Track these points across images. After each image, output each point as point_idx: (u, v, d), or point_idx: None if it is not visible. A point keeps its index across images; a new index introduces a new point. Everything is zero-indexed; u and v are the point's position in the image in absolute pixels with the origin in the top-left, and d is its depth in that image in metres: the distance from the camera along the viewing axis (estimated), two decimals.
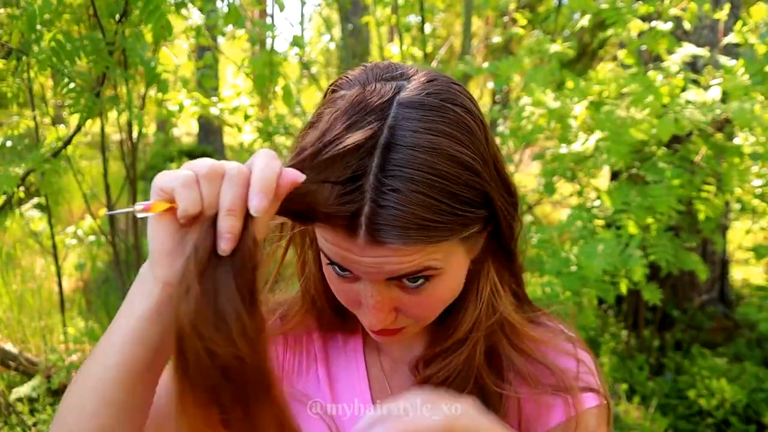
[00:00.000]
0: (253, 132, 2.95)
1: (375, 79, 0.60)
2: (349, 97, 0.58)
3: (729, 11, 2.49)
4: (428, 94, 0.58)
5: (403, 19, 3.23)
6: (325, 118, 0.58)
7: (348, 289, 0.63)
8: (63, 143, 1.94)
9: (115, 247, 2.92)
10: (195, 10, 2.43)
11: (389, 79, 0.60)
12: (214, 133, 9.08)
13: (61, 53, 1.46)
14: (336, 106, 0.58)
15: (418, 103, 0.57)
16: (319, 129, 0.57)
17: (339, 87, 0.63)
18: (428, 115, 0.56)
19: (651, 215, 2.05)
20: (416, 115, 0.56)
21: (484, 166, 0.58)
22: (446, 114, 0.57)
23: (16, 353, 2.85)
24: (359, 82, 0.61)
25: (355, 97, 0.57)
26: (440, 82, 0.60)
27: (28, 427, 2.53)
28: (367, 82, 0.60)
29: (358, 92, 0.58)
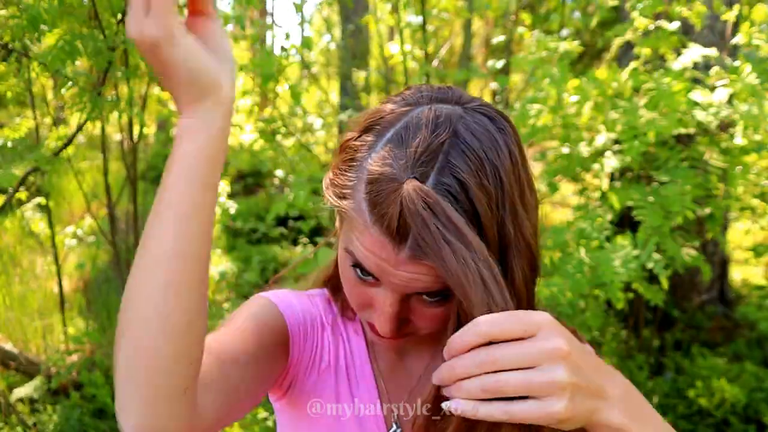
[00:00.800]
0: (254, 132, 2.95)
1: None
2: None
3: (731, 11, 2.49)
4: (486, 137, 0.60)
5: (403, 14, 3.23)
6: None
7: (364, 292, 0.64)
8: (64, 143, 1.94)
9: (115, 247, 2.92)
10: None
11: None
12: None
13: (62, 54, 1.46)
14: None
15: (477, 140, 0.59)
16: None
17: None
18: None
19: (664, 215, 2.06)
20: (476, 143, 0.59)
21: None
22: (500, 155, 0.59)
23: (16, 353, 2.86)
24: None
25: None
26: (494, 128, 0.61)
27: (28, 427, 2.53)
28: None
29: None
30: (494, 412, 0.51)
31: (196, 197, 0.52)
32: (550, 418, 0.50)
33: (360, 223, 0.59)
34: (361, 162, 0.60)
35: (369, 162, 0.59)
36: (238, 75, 2.93)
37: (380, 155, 0.59)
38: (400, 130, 0.60)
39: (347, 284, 0.66)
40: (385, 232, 0.57)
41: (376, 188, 0.57)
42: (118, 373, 0.51)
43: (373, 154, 0.60)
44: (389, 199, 0.56)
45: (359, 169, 0.60)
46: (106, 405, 2.66)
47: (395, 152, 0.58)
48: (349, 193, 0.61)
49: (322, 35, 6.75)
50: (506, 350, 0.51)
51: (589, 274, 2.01)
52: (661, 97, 1.99)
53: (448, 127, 0.58)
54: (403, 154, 0.57)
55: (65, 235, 3.27)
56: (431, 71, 3.22)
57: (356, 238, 0.60)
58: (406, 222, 0.55)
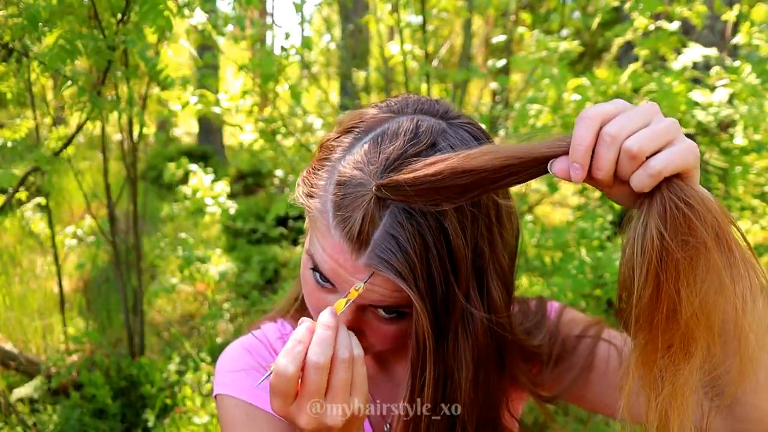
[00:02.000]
0: (254, 132, 2.95)
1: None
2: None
3: (731, 11, 2.48)
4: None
5: (403, 13, 3.23)
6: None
7: (321, 298, 0.63)
8: (64, 143, 1.94)
9: (115, 247, 2.92)
10: (198, 10, 2.43)
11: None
12: (214, 133, 9.08)
13: (63, 53, 1.46)
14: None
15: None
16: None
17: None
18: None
19: None
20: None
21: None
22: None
23: (16, 353, 2.85)
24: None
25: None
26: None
27: (28, 427, 2.53)
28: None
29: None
30: (654, 165, 0.47)
31: None
32: (690, 150, 0.48)
33: (323, 225, 0.58)
34: (335, 163, 0.59)
35: (342, 164, 0.58)
36: (238, 75, 2.93)
37: (354, 158, 0.58)
38: (378, 136, 0.59)
39: (306, 287, 0.65)
40: (345, 237, 0.56)
41: (343, 191, 0.56)
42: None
43: (347, 156, 0.59)
44: (354, 204, 0.55)
45: (332, 169, 0.59)
46: (106, 405, 2.66)
47: (368, 157, 0.57)
48: (317, 193, 0.60)
49: (322, 35, 6.75)
50: (625, 120, 0.48)
51: (590, 274, 2.01)
52: (661, 97, 1.99)
53: (427, 138, 0.57)
54: (375, 160, 0.56)
55: (65, 235, 3.27)
56: (431, 71, 3.22)
57: (318, 240, 0.60)
58: (367, 229, 0.54)
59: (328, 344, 0.54)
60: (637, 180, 0.48)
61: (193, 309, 4.04)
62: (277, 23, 3.93)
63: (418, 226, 0.55)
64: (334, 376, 0.54)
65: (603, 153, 0.48)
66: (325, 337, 0.54)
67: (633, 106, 0.51)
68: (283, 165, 3.21)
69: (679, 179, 0.48)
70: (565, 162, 0.49)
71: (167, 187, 7.12)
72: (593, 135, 0.48)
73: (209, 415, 2.58)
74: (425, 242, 0.55)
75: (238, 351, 0.80)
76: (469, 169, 0.50)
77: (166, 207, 3.70)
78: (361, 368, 0.56)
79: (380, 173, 0.55)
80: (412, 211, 0.55)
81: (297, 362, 0.53)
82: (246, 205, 5.77)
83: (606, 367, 0.74)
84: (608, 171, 0.48)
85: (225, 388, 0.76)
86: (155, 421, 2.63)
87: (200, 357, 3.09)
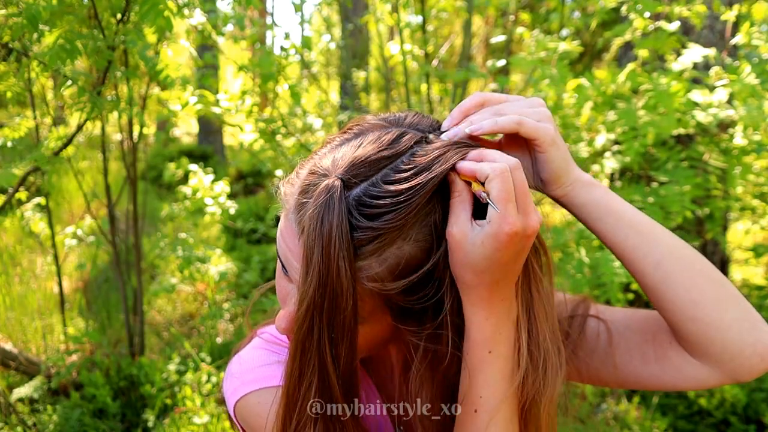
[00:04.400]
0: (254, 131, 2.95)
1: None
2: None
3: (730, 11, 2.48)
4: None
5: (403, 13, 3.23)
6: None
7: (284, 285, 0.64)
8: (64, 143, 1.94)
9: (115, 247, 2.92)
10: (197, 10, 2.43)
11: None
12: (214, 133, 9.08)
13: (63, 53, 1.46)
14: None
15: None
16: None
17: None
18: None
19: (663, 215, 2.06)
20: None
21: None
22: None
23: (16, 353, 2.85)
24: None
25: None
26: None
27: (28, 427, 2.53)
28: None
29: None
30: (513, 118, 0.63)
31: None
32: (547, 132, 0.64)
33: (286, 210, 0.61)
34: (319, 157, 0.61)
35: (323, 158, 0.60)
36: (238, 75, 2.93)
37: (333, 154, 0.59)
38: (362, 139, 0.60)
39: (276, 276, 0.66)
40: (297, 222, 0.58)
41: (310, 179, 0.58)
42: None
43: (329, 153, 0.61)
44: (312, 191, 0.57)
45: (313, 162, 0.61)
46: (106, 405, 2.66)
47: (344, 153, 0.59)
48: (294, 180, 0.62)
49: (321, 35, 6.75)
50: (509, 104, 0.66)
51: (589, 274, 2.01)
52: (659, 98, 1.99)
53: (403, 147, 0.59)
54: (349, 158, 0.58)
55: (65, 235, 3.27)
56: (431, 71, 3.21)
57: (281, 225, 0.62)
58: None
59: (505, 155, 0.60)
60: (502, 120, 0.63)
61: (193, 309, 4.04)
62: (277, 23, 3.92)
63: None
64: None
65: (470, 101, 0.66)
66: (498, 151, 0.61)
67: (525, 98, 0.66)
68: (283, 165, 3.21)
69: (534, 146, 0.65)
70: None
71: (167, 187, 7.13)
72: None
73: (209, 415, 2.58)
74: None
75: (259, 351, 0.78)
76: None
77: (166, 207, 3.70)
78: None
79: (344, 168, 0.57)
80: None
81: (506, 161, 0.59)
82: (246, 205, 5.77)
83: (597, 341, 0.77)
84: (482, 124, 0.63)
85: (262, 382, 0.72)
86: (155, 421, 2.63)
87: (200, 357, 3.09)
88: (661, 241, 0.65)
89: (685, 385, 0.69)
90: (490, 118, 0.63)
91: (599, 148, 2.29)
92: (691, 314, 0.64)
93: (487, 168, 0.56)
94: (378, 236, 0.55)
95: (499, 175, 0.56)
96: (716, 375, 0.67)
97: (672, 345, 0.70)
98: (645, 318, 0.75)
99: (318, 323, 0.55)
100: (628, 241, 0.65)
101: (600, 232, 0.66)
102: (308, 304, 0.55)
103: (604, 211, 0.65)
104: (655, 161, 2.28)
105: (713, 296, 0.64)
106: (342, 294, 0.54)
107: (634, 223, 0.65)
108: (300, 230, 0.57)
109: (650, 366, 0.72)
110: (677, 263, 0.64)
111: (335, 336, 0.55)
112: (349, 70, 4.11)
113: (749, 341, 0.63)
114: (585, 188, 0.66)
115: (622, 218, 0.65)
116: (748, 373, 0.65)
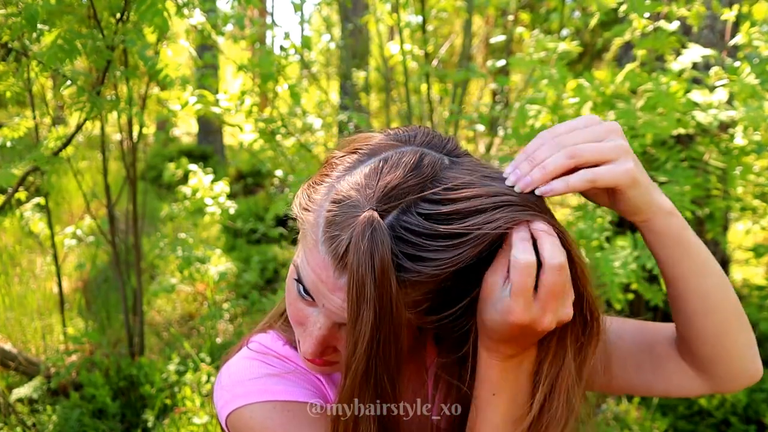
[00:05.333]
0: (254, 131, 2.94)
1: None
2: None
3: (730, 11, 2.48)
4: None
5: (403, 13, 3.23)
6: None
7: (301, 309, 0.64)
8: (63, 143, 1.93)
9: (115, 247, 2.91)
10: (197, 10, 2.43)
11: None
12: (213, 133, 9.07)
13: (61, 53, 1.46)
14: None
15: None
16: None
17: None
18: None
19: None
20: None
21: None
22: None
23: (16, 353, 2.85)
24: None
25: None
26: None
27: (27, 427, 2.53)
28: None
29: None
30: (585, 176, 0.58)
31: None
32: (627, 175, 0.59)
33: (312, 240, 0.59)
34: (334, 181, 0.60)
35: (340, 182, 0.59)
36: (238, 75, 2.93)
37: (353, 179, 0.59)
38: (380, 162, 0.59)
39: (289, 296, 0.65)
40: (331, 254, 0.57)
41: (336, 209, 0.57)
42: None
43: (347, 176, 0.60)
44: (344, 223, 0.56)
45: (330, 187, 0.60)
46: (106, 405, 2.66)
47: (367, 181, 0.58)
48: (312, 207, 0.61)
49: (321, 35, 6.74)
50: (578, 132, 0.60)
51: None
52: (658, 98, 1.99)
53: (429, 171, 0.58)
54: (374, 185, 0.57)
55: (65, 235, 3.27)
56: (431, 71, 3.21)
57: (305, 253, 0.61)
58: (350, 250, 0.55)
59: (559, 248, 0.56)
60: (573, 180, 0.58)
61: (193, 309, 4.03)
62: (277, 23, 3.90)
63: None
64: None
65: (545, 151, 0.59)
66: (555, 241, 0.57)
67: (599, 120, 0.61)
68: (282, 165, 3.21)
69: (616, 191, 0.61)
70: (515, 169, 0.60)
71: (167, 187, 7.13)
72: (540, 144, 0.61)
73: (209, 415, 2.57)
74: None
75: (249, 361, 0.76)
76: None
77: (166, 207, 3.69)
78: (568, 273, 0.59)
79: (376, 199, 0.56)
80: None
81: (533, 255, 0.56)
82: (246, 205, 5.77)
83: (611, 352, 0.78)
84: (550, 167, 0.58)
85: (252, 397, 0.71)
86: (155, 422, 2.63)
87: (200, 357, 3.09)
88: (713, 272, 0.68)
89: (676, 392, 0.75)
90: (562, 182, 0.59)
91: None
92: (715, 341, 0.69)
93: (513, 257, 0.55)
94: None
95: (518, 271, 0.55)
96: (706, 386, 0.74)
97: (671, 356, 0.75)
98: (639, 329, 0.78)
99: (375, 360, 0.55)
100: (688, 272, 0.67)
101: (664, 259, 0.67)
102: (367, 343, 0.54)
103: (675, 241, 0.66)
104: (654, 161, 2.28)
105: (737, 327, 0.69)
106: (400, 325, 0.55)
107: (696, 255, 0.67)
108: (336, 262, 0.57)
109: (645, 374, 0.76)
110: (722, 297, 0.68)
111: (391, 367, 0.56)
112: (349, 70, 4.11)
113: (749, 365, 0.71)
114: (665, 218, 0.65)
115: (688, 250, 0.66)
116: (736, 389, 0.73)
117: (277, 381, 0.73)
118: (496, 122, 3.49)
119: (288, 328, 0.79)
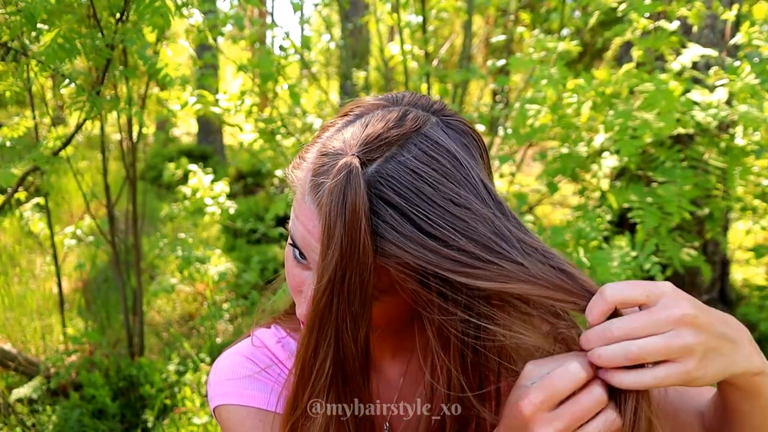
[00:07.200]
0: (254, 131, 2.94)
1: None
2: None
3: (730, 10, 2.48)
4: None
5: (403, 13, 3.22)
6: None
7: (298, 274, 0.64)
8: (63, 143, 1.93)
9: (115, 247, 2.91)
10: (196, 10, 2.43)
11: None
12: (213, 133, 9.07)
13: (61, 52, 1.46)
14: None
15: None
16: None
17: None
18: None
19: (661, 215, 2.05)
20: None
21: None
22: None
23: (16, 353, 2.85)
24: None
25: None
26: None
27: (27, 427, 2.52)
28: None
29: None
30: (644, 378, 0.52)
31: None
32: (687, 377, 0.52)
33: (300, 193, 0.61)
34: (324, 140, 0.61)
35: (330, 140, 0.60)
36: (237, 75, 2.93)
37: (342, 136, 0.59)
38: (368, 117, 0.60)
39: (287, 264, 0.66)
40: (316, 203, 0.57)
41: (322, 160, 0.58)
42: None
43: (336, 135, 0.61)
44: (328, 172, 0.56)
45: (320, 145, 0.61)
46: (106, 405, 2.66)
47: (353, 132, 0.59)
48: (303, 165, 0.62)
49: (321, 35, 6.74)
50: (639, 320, 0.52)
51: (588, 274, 2.01)
52: (656, 97, 1.99)
53: (413, 125, 0.58)
54: (359, 135, 0.58)
55: (64, 235, 3.27)
56: (431, 71, 3.21)
57: (294, 209, 0.62)
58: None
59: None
60: (629, 379, 0.52)
61: (193, 309, 4.03)
62: (277, 23, 3.90)
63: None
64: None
65: (608, 351, 0.52)
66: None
67: (660, 291, 0.54)
68: (282, 165, 3.21)
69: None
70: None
71: (167, 187, 7.12)
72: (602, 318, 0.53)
73: (209, 415, 2.57)
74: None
75: (236, 358, 0.78)
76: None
77: (166, 207, 3.69)
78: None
79: (357, 146, 0.56)
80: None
81: (587, 371, 0.53)
82: (246, 205, 5.77)
83: None
84: (607, 360, 0.53)
85: (229, 398, 0.73)
86: (155, 422, 2.63)
87: (200, 357, 3.08)
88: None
89: None
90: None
91: (598, 147, 2.28)
92: None
93: (569, 371, 0.53)
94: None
95: (562, 374, 0.52)
96: None
97: (694, 429, 0.71)
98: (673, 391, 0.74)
99: (338, 296, 0.55)
100: (757, 418, 0.62)
101: (738, 408, 0.63)
102: (329, 277, 0.54)
103: (760, 397, 0.61)
104: (653, 161, 2.27)
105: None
106: (365, 267, 0.54)
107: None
108: (319, 209, 0.57)
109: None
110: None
111: (354, 309, 0.56)
112: (349, 70, 4.11)
113: None
114: (752, 378, 0.59)
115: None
116: None
117: (255, 385, 0.74)
118: (496, 122, 3.49)
119: (288, 319, 0.80)
